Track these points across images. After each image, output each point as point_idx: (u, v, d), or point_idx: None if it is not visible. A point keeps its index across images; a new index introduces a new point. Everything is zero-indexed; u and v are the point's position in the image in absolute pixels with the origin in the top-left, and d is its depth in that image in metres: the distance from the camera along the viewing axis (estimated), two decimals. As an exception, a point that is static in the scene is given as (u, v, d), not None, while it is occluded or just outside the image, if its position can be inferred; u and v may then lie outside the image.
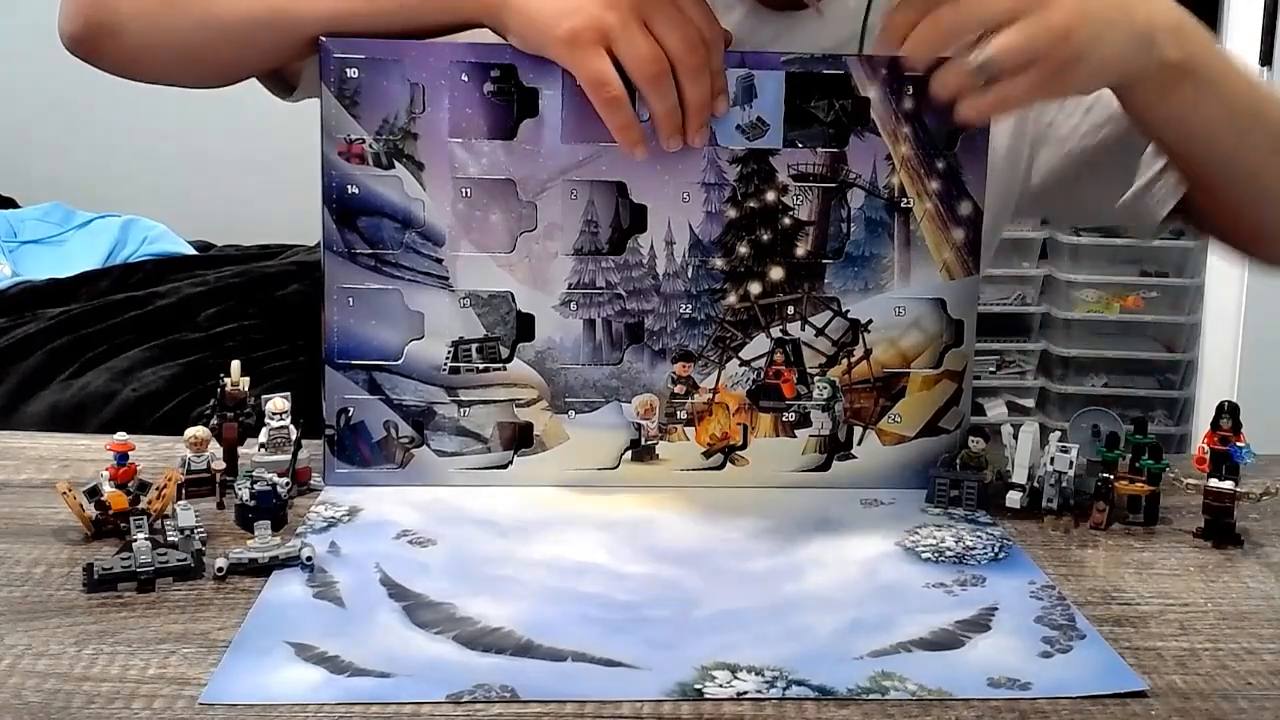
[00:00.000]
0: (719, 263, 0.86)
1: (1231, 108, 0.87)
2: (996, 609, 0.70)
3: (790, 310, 0.87)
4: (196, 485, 0.81)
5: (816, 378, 0.87)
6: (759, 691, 0.60)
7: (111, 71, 0.92)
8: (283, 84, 0.96)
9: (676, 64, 0.78)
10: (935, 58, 0.79)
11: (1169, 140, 0.91)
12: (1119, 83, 0.84)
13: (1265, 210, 0.95)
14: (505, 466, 0.87)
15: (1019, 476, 0.84)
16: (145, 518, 0.73)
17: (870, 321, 0.87)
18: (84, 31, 0.89)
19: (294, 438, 0.83)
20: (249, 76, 0.92)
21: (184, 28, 0.87)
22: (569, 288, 0.86)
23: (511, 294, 0.85)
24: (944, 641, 0.66)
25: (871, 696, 0.60)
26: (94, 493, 0.77)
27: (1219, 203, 0.96)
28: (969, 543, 0.79)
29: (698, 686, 0.60)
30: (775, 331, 0.87)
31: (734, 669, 0.62)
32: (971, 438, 0.86)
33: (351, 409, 0.86)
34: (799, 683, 0.61)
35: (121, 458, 0.77)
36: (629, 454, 0.87)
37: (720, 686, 0.60)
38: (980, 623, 0.68)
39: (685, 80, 0.79)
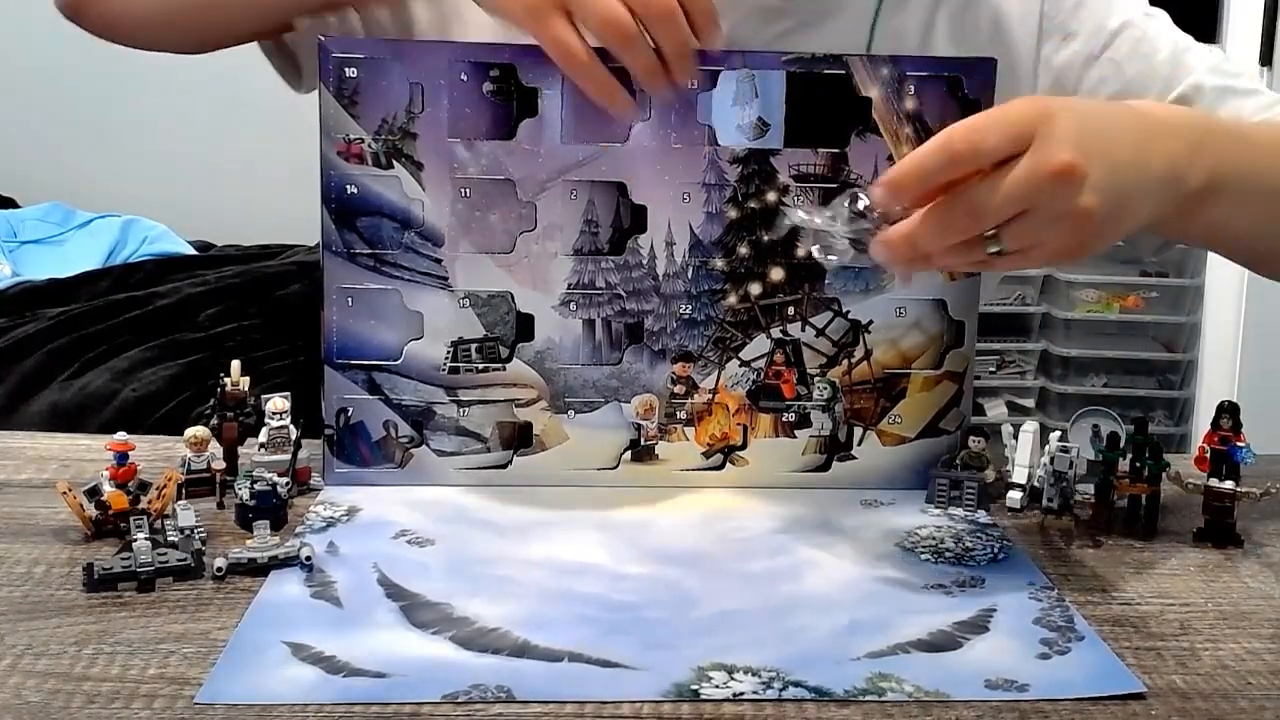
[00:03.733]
0: (719, 263, 0.86)
1: (1268, 200, 0.81)
2: (995, 610, 0.70)
3: (791, 311, 0.87)
4: (196, 485, 0.81)
5: (817, 378, 0.87)
6: (755, 692, 0.60)
7: (95, 33, 0.92)
8: (295, 71, 0.97)
9: (641, 14, 0.75)
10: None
11: (1206, 247, 0.90)
12: (1146, 227, 0.80)
13: None
14: (505, 466, 0.87)
15: (1019, 476, 0.84)
16: (145, 518, 0.73)
17: (871, 322, 0.87)
18: None
19: (294, 438, 0.83)
20: (233, 44, 0.92)
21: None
22: (569, 288, 0.85)
23: (511, 294, 0.85)
24: (942, 643, 0.66)
25: (868, 698, 0.60)
26: (94, 493, 0.77)
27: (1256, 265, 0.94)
28: (968, 544, 0.79)
29: (694, 687, 0.60)
30: (775, 332, 0.87)
31: (731, 670, 0.62)
32: (972, 438, 0.86)
33: (351, 409, 0.86)
34: (795, 684, 0.61)
35: (121, 458, 0.78)
36: (628, 454, 0.87)
37: (717, 687, 0.60)
38: (978, 624, 0.68)
39: (655, 30, 0.76)
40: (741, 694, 0.60)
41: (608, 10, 0.74)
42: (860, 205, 0.69)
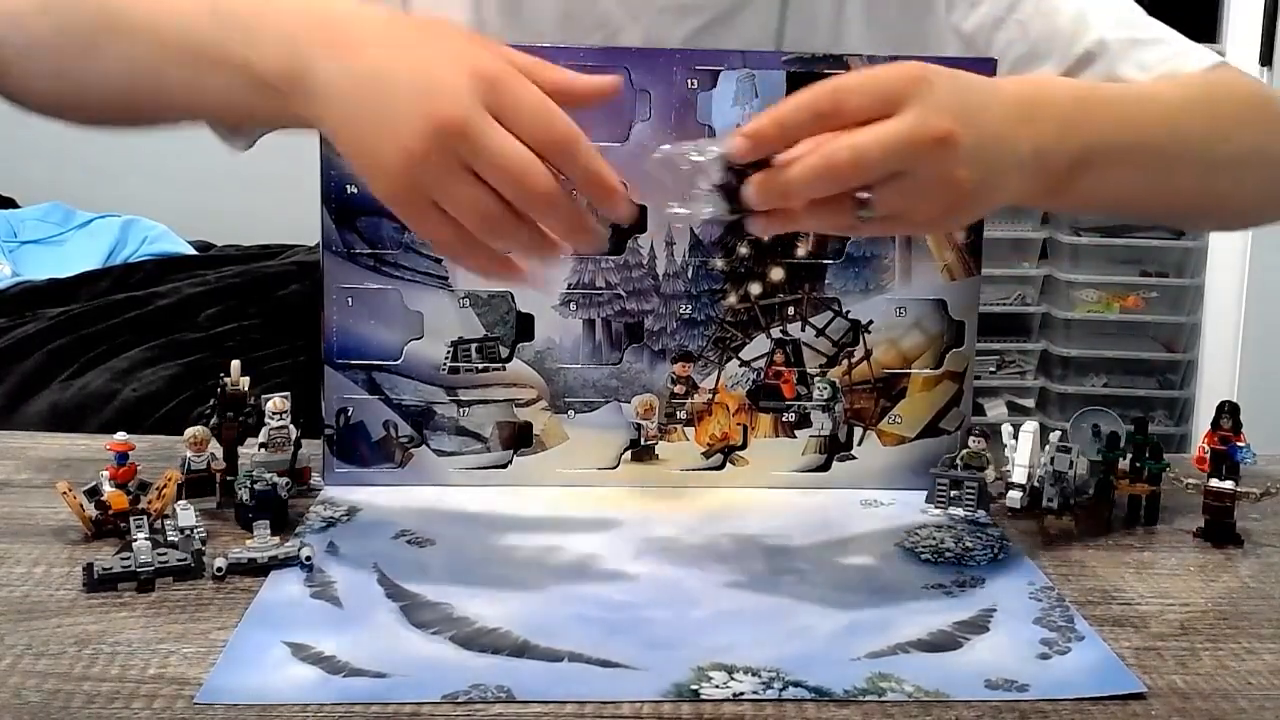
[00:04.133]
0: (719, 263, 0.86)
1: (1146, 169, 0.79)
2: (995, 610, 0.70)
3: (790, 311, 0.87)
4: (196, 485, 0.81)
5: (817, 378, 0.87)
6: (755, 692, 0.60)
7: (9, 103, 0.91)
8: (233, 133, 0.93)
9: (516, 202, 0.65)
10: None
11: (1094, 215, 0.90)
12: (1016, 204, 0.79)
13: (1215, 217, 0.95)
14: (505, 466, 0.87)
15: (1019, 476, 0.84)
16: (145, 517, 0.73)
17: (871, 322, 0.87)
18: None
19: (294, 437, 0.83)
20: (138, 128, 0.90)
21: (47, 84, 0.84)
22: (569, 288, 0.85)
23: (511, 294, 0.85)
24: (942, 643, 0.66)
25: (868, 698, 0.60)
26: (94, 493, 0.77)
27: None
28: (968, 544, 0.79)
29: (694, 687, 0.60)
30: (775, 332, 0.87)
31: (730, 670, 0.62)
32: (972, 438, 0.86)
33: (351, 409, 0.86)
34: (795, 684, 0.61)
35: (121, 458, 0.78)
36: (628, 454, 0.87)
37: (717, 687, 0.60)
38: (978, 624, 0.68)
39: (536, 215, 0.66)
40: (741, 694, 0.60)
41: (473, 199, 0.64)
42: (718, 150, 0.66)
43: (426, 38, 0.68)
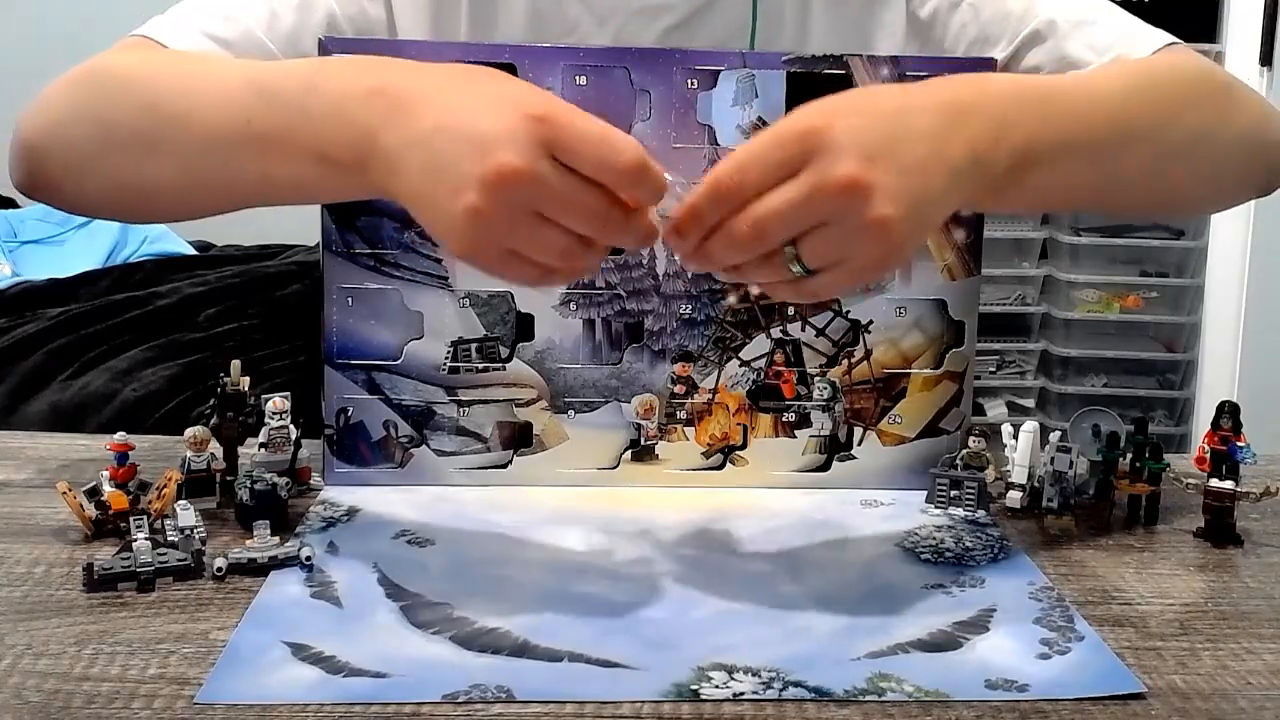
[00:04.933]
0: (718, 263, 0.86)
1: (1089, 162, 0.76)
2: (995, 610, 0.70)
3: (790, 311, 0.87)
4: (196, 485, 0.81)
5: (817, 378, 0.87)
6: (755, 692, 0.60)
7: (63, 211, 0.91)
8: None
9: (592, 237, 0.65)
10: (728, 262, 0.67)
11: (1044, 211, 0.90)
12: (960, 209, 0.78)
13: (1170, 204, 0.96)
14: (505, 466, 0.87)
15: (1019, 476, 0.84)
16: (145, 517, 0.73)
17: (871, 322, 0.87)
18: (27, 182, 0.87)
19: (294, 437, 0.83)
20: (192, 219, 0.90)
21: (104, 190, 0.83)
22: (569, 288, 0.85)
23: (511, 294, 0.85)
24: (942, 643, 0.66)
25: (868, 698, 0.60)
26: (94, 493, 0.77)
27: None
28: (968, 544, 0.79)
29: (694, 687, 0.60)
30: (775, 332, 0.87)
31: (730, 670, 0.62)
32: (971, 437, 0.86)
33: (351, 409, 0.86)
34: (795, 684, 0.61)
35: (121, 458, 0.78)
36: (628, 454, 0.87)
37: (716, 688, 0.60)
38: (979, 624, 0.68)
39: (612, 241, 0.66)
40: (741, 694, 0.60)
41: (554, 241, 0.64)
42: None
43: (472, 88, 0.66)
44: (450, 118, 0.65)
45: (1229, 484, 0.80)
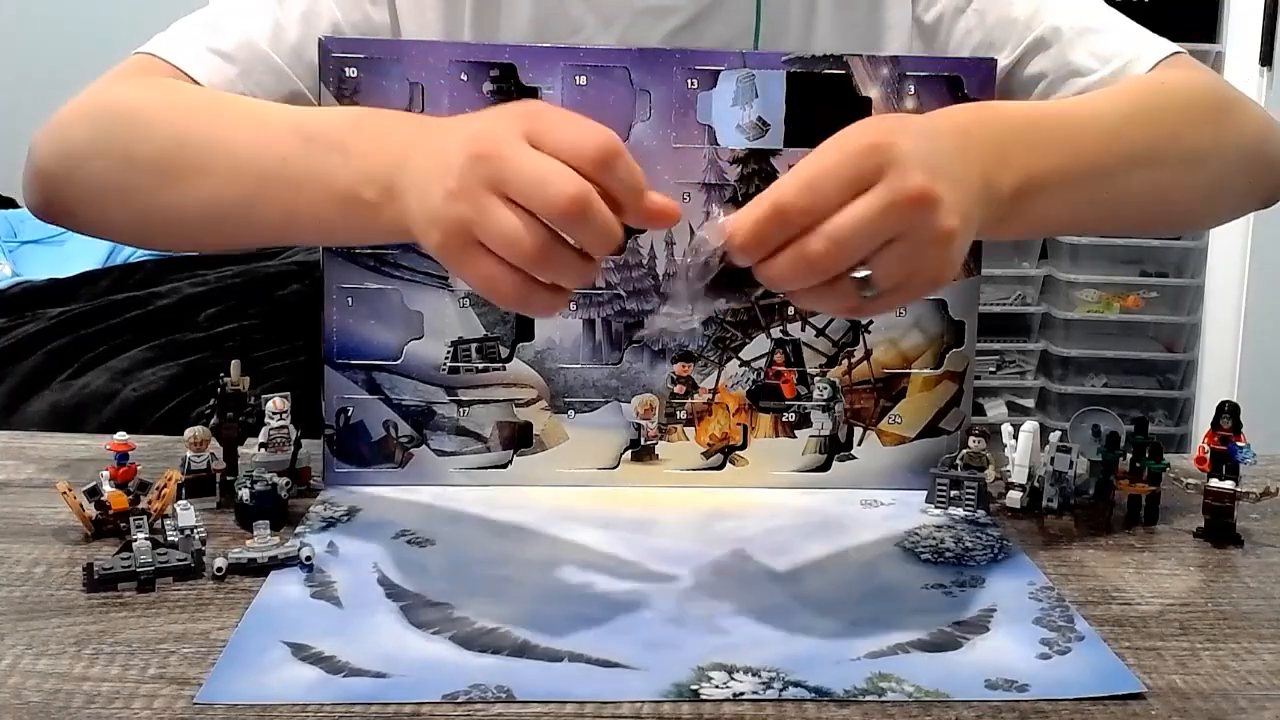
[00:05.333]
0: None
1: (1084, 188, 0.77)
2: (995, 610, 0.70)
3: (790, 310, 0.87)
4: (196, 485, 0.81)
5: (817, 378, 0.87)
6: (755, 692, 0.60)
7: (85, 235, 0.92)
8: None
9: (547, 213, 0.62)
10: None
11: (1044, 237, 0.90)
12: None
13: (1168, 221, 0.96)
14: (505, 466, 0.87)
15: (1019, 476, 0.84)
16: (145, 517, 0.73)
17: (871, 322, 0.87)
18: (43, 208, 0.88)
19: (294, 437, 0.83)
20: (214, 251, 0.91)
21: (124, 222, 0.84)
22: (568, 288, 0.85)
23: (511, 294, 0.85)
24: (942, 643, 0.66)
25: (868, 698, 0.60)
26: (94, 492, 0.77)
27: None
28: (968, 544, 0.79)
29: (694, 687, 0.60)
30: (775, 332, 0.87)
31: (730, 670, 0.62)
32: (971, 438, 0.86)
33: (351, 408, 0.86)
34: (795, 684, 0.61)
35: (121, 457, 0.78)
36: (628, 454, 0.87)
37: (716, 687, 0.60)
38: (978, 624, 0.68)
39: (570, 229, 0.62)
40: (741, 694, 0.60)
41: (512, 228, 0.62)
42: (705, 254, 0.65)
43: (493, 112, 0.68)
44: (458, 133, 0.66)
45: (1229, 484, 0.80)
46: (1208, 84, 0.90)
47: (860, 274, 0.63)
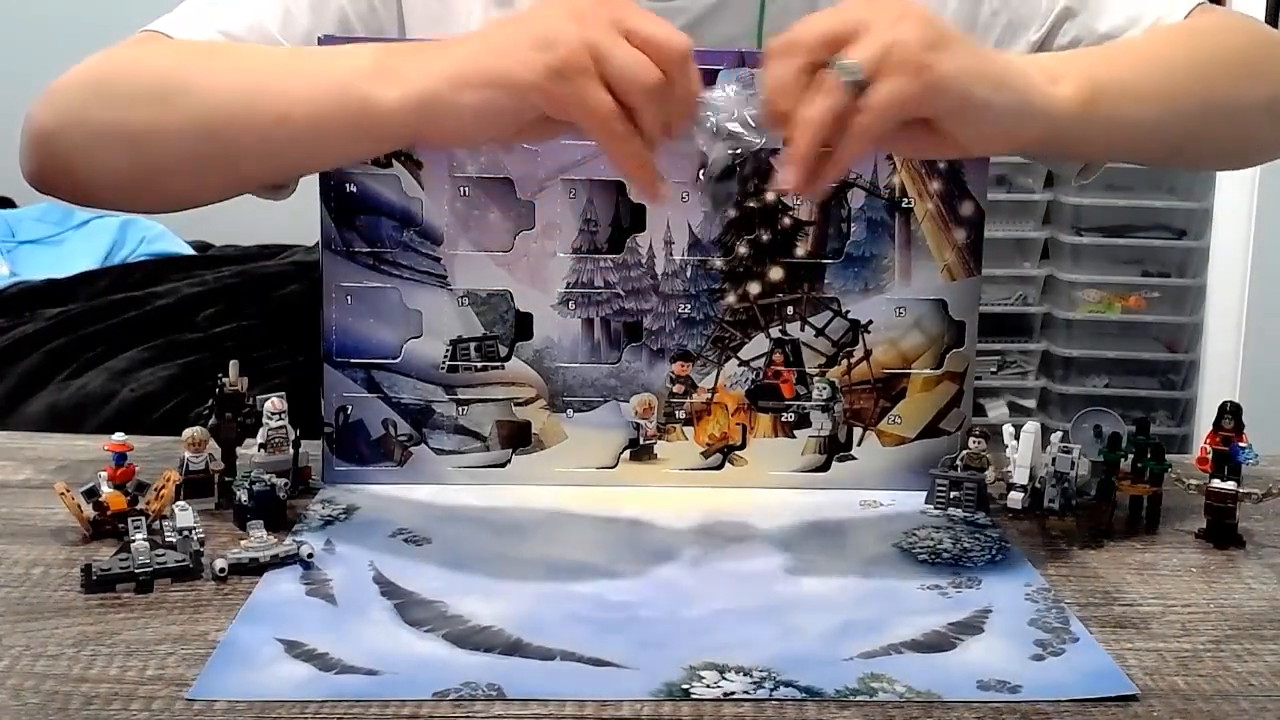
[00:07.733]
0: (718, 263, 0.86)
1: (1152, 90, 0.81)
2: (990, 611, 0.69)
3: (790, 310, 0.86)
4: (195, 486, 0.81)
5: (816, 378, 0.87)
6: (746, 692, 0.60)
7: (74, 203, 0.92)
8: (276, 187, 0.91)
9: (667, 70, 0.68)
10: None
11: (1103, 160, 0.92)
12: (1014, 149, 0.79)
13: (1220, 156, 0.99)
14: (503, 465, 0.87)
15: (1020, 477, 0.84)
16: (143, 518, 0.73)
17: (870, 322, 0.87)
18: (39, 171, 0.88)
19: (293, 437, 0.83)
20: (204, 205, 0.89)
21: (122, 161, 0.83)
22: (567, 287, 0.85)
23: (510, 293, 0.85)
24: (935, 643, 0.66)
25: (859, 698, 0.60)
26: (92, 493, 0.77)
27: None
28: (966, 545, 0.79)
29: (685, 687, 0.60)
30: (774, 332, 0.87)
31: (722, 669, 0.62)
32: (972, 438, 0.86)
33: (350, 407, 0.86)
34: (786, 684, 0.61)
35: (120, 458, 0.77)
36: (627, 453, 0.87)
37: (708, 687, 0.60)
38: (973, 625, 0.68)
39: (676, 81, 0.69)
40: (732, 693, 0.60)
41: (641, 59, 0.67)
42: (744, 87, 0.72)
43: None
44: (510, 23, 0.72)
45: (1231, 485, 0.80)
46: (1244, 22, 0.95)
47: (844, 62, 0.67)
